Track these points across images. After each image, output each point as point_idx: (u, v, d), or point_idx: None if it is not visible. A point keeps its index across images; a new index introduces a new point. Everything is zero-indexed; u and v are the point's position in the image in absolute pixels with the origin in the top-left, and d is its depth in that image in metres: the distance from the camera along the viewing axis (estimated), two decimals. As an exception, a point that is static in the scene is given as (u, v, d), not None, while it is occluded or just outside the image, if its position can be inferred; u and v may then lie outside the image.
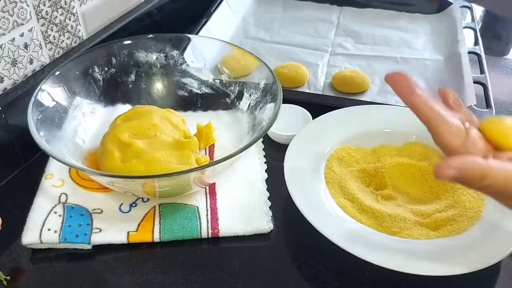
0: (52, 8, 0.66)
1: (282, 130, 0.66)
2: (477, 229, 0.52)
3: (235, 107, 0.68)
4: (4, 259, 0.52)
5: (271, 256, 0.54)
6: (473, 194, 0.56)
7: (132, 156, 0.57)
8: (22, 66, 0.64)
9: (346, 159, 0.62)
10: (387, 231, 0.52)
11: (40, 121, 0.55)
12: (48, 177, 0.60)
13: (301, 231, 0.54)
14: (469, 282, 0.51)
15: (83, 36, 0.74)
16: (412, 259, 0.49)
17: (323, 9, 1.03)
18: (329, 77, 0.82)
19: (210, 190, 0.60)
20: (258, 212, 0.56)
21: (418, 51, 0.90)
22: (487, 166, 0.37)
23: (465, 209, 0.54)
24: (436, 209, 0.56)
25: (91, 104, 0.65)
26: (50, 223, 0.54)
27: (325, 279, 0.51)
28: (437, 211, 0.55)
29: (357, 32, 0.96)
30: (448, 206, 0.56)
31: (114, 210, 0.57)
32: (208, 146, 0.66)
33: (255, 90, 0.66)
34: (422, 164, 0.60)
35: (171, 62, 0.70)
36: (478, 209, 0.54)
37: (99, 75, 0.66)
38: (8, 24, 0.60)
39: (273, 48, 0.90)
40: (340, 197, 0.56)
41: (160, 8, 0.88)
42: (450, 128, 0.39)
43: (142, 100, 0.70)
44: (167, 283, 0.50)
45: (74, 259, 0.53)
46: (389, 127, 0.65)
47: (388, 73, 0.41)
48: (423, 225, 0.54)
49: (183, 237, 0.54)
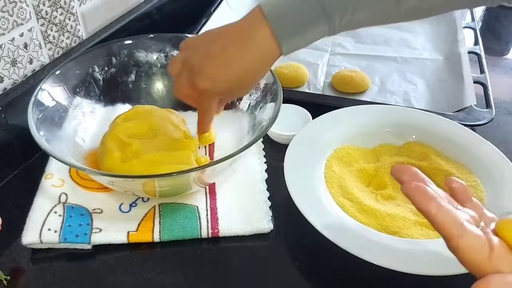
0: (51, 8, 0.66)
1: (282, 130, 0.66)
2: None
3: (235, 107, 0.68)
4: (4, 259, 0.53)
5: (271, 256, 0.54)
6: (473, 194, 0.56)
7: (132, 155, 0.57)
8: (22, 66, 0.64)
9: (346, 159, 0.62)
10: (387, 231, 0.52)
11: (40, 120, 0.55)
12: (48, 177, 0.60)
13: (301, 231, 0.54)
14: (469, 282, 0.51)
15: (83, 36, 0.74)
16: (412, 259, 0.49)
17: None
18: (329, 77, 0.82)
19: (210, 190, 0.60)
20: (258, 212, 0.56)
21: (418, 51, 0.91)
22: None
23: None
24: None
25: (91, 103, 0.65)
26: (50, 223, 0.54)
27: (325, 279, 0.52)
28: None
29: (357, 32, 0.96)
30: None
31: (114, 210, 0.57)
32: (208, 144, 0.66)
33: (255, 90, 0.66)
34: (422, 164, 0.60)
35: (171, 62, 0.70)
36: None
37: (99, 74, 0.66)
38: (8, 24, 0.60)
39: (273, 48, 0.90)
40: (340, 197, 0.56)
41: (159, 8, 0.88)
42: (473, 242, 0.33)
43: (142, 100, 0.70)
44: (167, 283, 0.50)
45: (74, 259, 0.53)
46: (389, 127, 0.65)
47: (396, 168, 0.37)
48: (423, 224, 0.54)
49: (183, 237, 0.54)
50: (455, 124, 0.64)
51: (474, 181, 0.58)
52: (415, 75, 0.83)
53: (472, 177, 0.59)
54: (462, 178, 0.58)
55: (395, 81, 0.82)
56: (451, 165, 0.60)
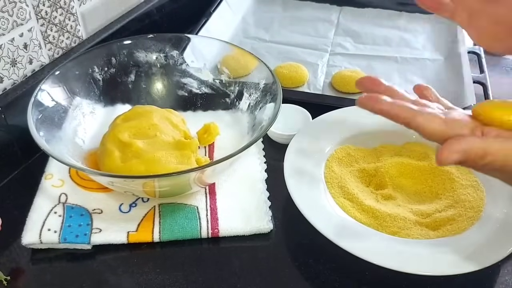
0: (51, 8, 0.66)
1: (282, 130, 0.66)
2: (477, 229, 0.52)
3: (235, 107, 0.68)
4: (4, 259, 0.53)
5: (271, 256, 0.54)
6: (473, 194, 0.56)
7: (132, 156, 0.57)
8: (21, 66, 0.64)
9: (346, 159, 0.62)
10: (387, 231, 0.52)
11: (40, 121, 0.55)
12: (48, 177, 0.60)
13: (301, 231, 0.54)
14: (469, 282, 0.51)
15: (83, 36, 0.74)
16: (412, 259, 0.49)
17: (323, 9, 1.03)
18: (328, 77, 0.82)
19: (210, 190, 0.60)
20: (258, 212, 0.56)
21: (418, 51, 0.90)
22: (486, 145, 0.38)
23: (465, 209, 0.54)
24: (436, 209, 0.56)
25: (91, 104, 0.65)
26: (50, 223, 0.54)
27: (325, 279, 0.52)
28: (437, 211, 0.55)
29: (356, 32, 0.96)
30: (448, 206, 0.56)
31: (114, 210, 0.57)
32: (207, 145, 0.66)
33: (255, 90, 0.66)
34: (422, 164, 0.60)
35: (170, 62, 0.70)
36: (478, 209, 0.54)
37: (99, 75, 0.66)
38: (8, 24, 0.60)
39: (272, 48, 0.90)
40: (340, 197, 0.56)
41: (159, 8, 0.88)
42: (427, 116, 0.40)
43: (142, 100, 0.70)
44: (167, 283, 0.50)
45: (74, 259, 0.53)
46: (389, 127, 0.65)
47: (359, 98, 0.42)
48: (423, 225, 0.54)
49: (183, 237, 0.54)
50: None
51: (474, 181, 0.58)
52: (415, 75, 0.83)
53: (472, 177, 0.59)
54: (462, 178, 0.58)
55: (395, 81, 0.82)
56: (451, 165, 0.60)
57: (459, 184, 0.57)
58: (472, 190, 0.57)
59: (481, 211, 0.54)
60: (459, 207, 0.55)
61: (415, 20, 0.99)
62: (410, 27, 0.98)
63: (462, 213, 0.54)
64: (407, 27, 0.98)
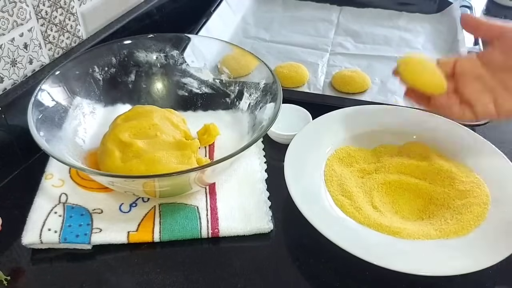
0: (51, 8, 0.66)
1: (282, 130, 0.66)
2: (477, 229, 0.52)
3: (235, 107, 0.68)
4: (4, 259, 0.53)
5: (271, 256, 0.54)
6: (474, 194, 0.56)
7: (132, 156, 0.57)
8: (21, 66, 0.64)
9: (346, 159, 0.62)
10: (388, 231, 0.52)
11: (40, 121, 0.55)
12: (48, 177, 0.60)
13: (301, 231, 0.54)
14: (469, 282, 0.51)
15: (83, 36, 0.74)
16: (412, 259, 0.49)
17: (323, 9, 1.03)
18: (329, 77, 0.82)
19: (210, 190, 0.60)
20: (258, 212, 0.56)
21: (418, 51, 0.90)
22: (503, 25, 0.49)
23: (465, 209, 0.54)
24: (436, 209, 0.56)
25: (91, 104, 0.65)
26: (50, 223, 0.54)
27: (325, 279, 0.52)
28: (437, 211, 0.55)
29: (357, 32, 0.96)
30: (448, 206, 0.56)
31: (114, 210, 0.57)
32: (207, 145, 0.66)
33: (255, 90, 0.66)
34: (422, 164, 0.60)
35: (171, 62, 0.70)
36: (479, 209, 0.54)
37: (99, 75, 0.66)
38: (8, 24, 0.60)
39: (273, 48, 0.90)
40: (340, 197, 0.56)
41: (160, 8, 0.88)
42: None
43: (142, 100, 0.70)
44: (167, 283, 0.50)
45: (74, 259, 0.53)
46: (389, 127, 0.65)
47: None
48: (423, 225, 0.54)
49: (183, 237, 0.54)
50: (455, 124, 0.64)
51: (475, 180, 0.58)
52: (415, 75, 0.83)
53: (473, 176, 0.58)
54: (463, 178, 0.58)
55: (395, 81, 0.82)
56: (451, 165, 0.60)
57: (460, 184, 0.57)
58: (474, 189, 0.57)
59: (482, 211, 0.54)
60: (459, 207, 0.55)
61: (415, 20, 0.99)
62: (410, 27, 0.98)
63: (463, 213, 0.54)
64: (407, 27, 0.98)
